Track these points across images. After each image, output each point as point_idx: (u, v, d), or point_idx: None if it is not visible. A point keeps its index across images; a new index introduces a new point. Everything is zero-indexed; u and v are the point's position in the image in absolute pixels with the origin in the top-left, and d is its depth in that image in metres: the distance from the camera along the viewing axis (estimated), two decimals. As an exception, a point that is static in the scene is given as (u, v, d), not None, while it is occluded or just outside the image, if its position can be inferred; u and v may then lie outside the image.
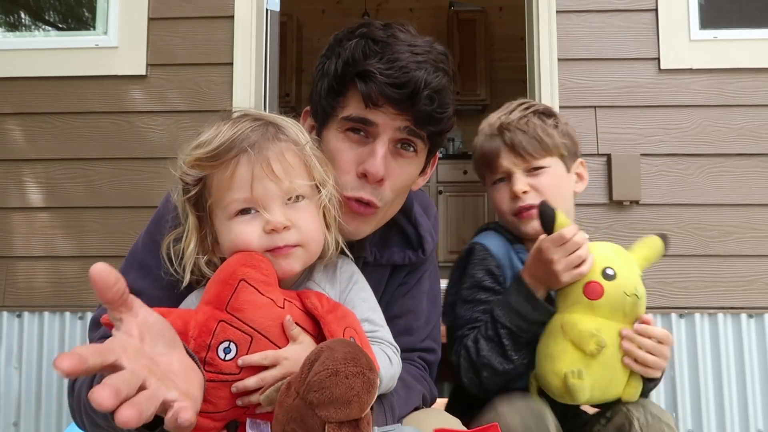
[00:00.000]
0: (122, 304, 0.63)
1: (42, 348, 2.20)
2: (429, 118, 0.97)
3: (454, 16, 5.74)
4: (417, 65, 0.94)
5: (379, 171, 0.96)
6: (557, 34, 2.23)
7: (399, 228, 1.17)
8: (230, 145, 0.84)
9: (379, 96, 0.94)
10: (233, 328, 0.78)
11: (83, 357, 0.54)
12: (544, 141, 1.23)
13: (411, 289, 1.20)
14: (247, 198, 0.84)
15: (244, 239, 0.84)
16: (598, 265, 1.09)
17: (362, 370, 0.63)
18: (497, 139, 1.26)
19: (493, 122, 1.29)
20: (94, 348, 0.57)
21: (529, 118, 1.25)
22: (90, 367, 0.55)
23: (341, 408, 0.62)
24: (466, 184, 5.22)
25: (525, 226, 1.24)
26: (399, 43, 0.96)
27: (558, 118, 1.29)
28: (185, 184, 0.88)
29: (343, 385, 0.62)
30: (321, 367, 0.63)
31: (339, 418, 0.62)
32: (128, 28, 2.28)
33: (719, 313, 2.11)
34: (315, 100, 1.05)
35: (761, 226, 2.12)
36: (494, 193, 1.29)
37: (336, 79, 0.98)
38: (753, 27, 2.24)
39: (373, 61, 0.94)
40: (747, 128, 2.16)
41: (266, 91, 2.33)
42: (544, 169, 1.24)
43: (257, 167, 0.84)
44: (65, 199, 2.24)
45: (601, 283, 1.08)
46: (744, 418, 2.06)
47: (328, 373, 0.62)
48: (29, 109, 2.28)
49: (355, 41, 0.97)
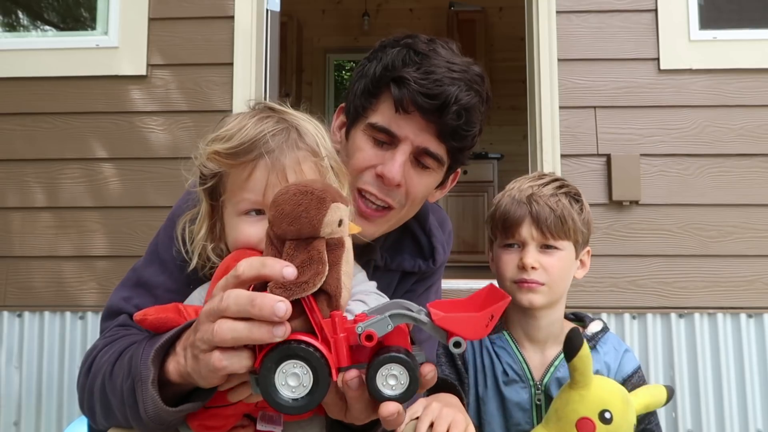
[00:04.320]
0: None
1: (42, 348, 2.20)
2: (454, 133, 1.01)
3: (454, 16, 5.74)
4: (451, 81, 0.98)
5: (395, 177, 1.00)
6: (557, 34, 2.23)
7: (413, 236, 1.19)
8: (250, 147, 0.85)
9: (410, 103, 0.98)
10: None
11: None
12: (567, 224, 1.24)
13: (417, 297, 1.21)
14: (258, 201, 0.85)
15: (247, 238, 0.86)
16: (599, 405, 1.07)
17: (311, 189, 0.66)
18: (524, 206, 1.26)
19: (524, 188, 1.29)
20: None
21: (560, 198, 1.26)
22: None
23: (292, 223, 0.65)
24: (466, 184, 5.22)
25: (522, 296, 1.24)
26: (438, 58, 1.00)
27: (584, 205, 1.30)
28: (202, 175, 0.90)
29: (292, 201, 0.65)
30: (279, 190, 0.69)
31: (291, 233, 0.65)
32: (128, 28, 2.29)
33: (719, 313, 2.11)
34: (350, 99, 1.08)
35: (761, 226, 2.12)
36: (501, 255, 1.29)
37: (372, 81, 1.02)
38: (753, 27, 2.24)
39: (410, 70, 0.98)
40: (747, 128, 2.16)
41: (266, 91, 2.33)
42: (557, 250, 1.25)
43: (273, 175, 0.85)
44: (65, 199, 2.25)
45: (595, 424, 1.07)
46: (743, 418, 2.06)
47: (281, 192, 0.67)
48: (29, 109, 2.29)
49: (398, 49, 1.02)
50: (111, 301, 0.99)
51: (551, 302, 1.26)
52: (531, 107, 2.31)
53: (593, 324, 1.32)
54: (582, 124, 2.19)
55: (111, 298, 1.00)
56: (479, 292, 0.73)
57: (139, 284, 0.98)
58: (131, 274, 1.01)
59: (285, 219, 0.66)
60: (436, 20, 5.83)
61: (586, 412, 1.07)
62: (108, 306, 1.00)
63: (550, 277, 1.23)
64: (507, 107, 5.68)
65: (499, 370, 1.27)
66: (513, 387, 1.25)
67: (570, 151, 2.18)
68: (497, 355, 1.28)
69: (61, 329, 2.21)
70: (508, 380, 1.26)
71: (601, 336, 1.29)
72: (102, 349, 0.90)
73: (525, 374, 1.25)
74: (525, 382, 1.24)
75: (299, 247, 0.65)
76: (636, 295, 2.12)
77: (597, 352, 1.27)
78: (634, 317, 2.13)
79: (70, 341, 2.20)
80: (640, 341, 2.11)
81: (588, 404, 1.07)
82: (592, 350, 1.26)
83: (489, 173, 5.28)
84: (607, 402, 1.07)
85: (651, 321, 2.12)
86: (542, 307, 1.25)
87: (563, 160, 2.18)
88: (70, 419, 2.11)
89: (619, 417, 1.07)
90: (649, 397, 1.14)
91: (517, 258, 1.25)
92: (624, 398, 1.09)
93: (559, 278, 1.25)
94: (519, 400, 1.22)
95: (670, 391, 1.16)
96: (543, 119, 2.19)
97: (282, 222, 0.66)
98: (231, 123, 0.90)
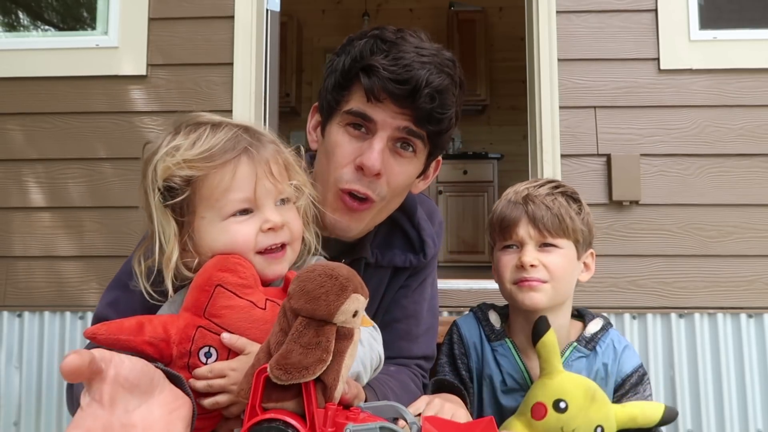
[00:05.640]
0: (94, 377, 0.61)
1: (42, 348, 2.20)
2: (429, 117, 0.99)
3: (454, 16, 5.75)
4: (421, 65, 0.96)
5: (374, 164, 0.98)
6: (557, 34, 2.23)
7: (401, 231, 1.18)
8: (228, 146, 0.84)
9: (381, 90, 0.96)
10: (212, 334, 0.80)
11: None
12: (564, 222, 1.23)
13: (412, 292, 1.20)
14: (249, 198, 0.84)
15: (244, 237, 0.84)
16: (556, 394, 1.08)
17: (337, 275, 0.66)
18: (520, 207, 1.25)
19: (519, 191, 1.29)
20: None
21: (556, 197, 1.25)
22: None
23: (310, 302, 0.65)
24: (466, 184, 5.23)
25: (523, 295, 1.22)
26: (406, 45, 0.99)
27: (583, 205, 1.29)
28: (168, 189, 0.85)
29: (315, 281, 0.66)
30: (306, 268, 0.69)
31: (307, 311, 0.65)
32: (128, 28, 2.29)
33: (719, 313, 2.11)
34: (322, 96, 1.07)
35: (761, 226, 2.12)
36: (501, 257, 1.28)
37: (342, 74, 1.01)
38: (753, 27, 2.24)
39: (378, 58, 0.97)
40: (747, 128, 2.16)
41: (266, 91, 2.33)
42: (556, 248, 1.23)
43: (259, 168, 0.85)
44: (65, 199, 2.24)
45: (548, 410, 1.08)
46: (743, 418, 2.06)
47: (307, 270, 0.68)
48: (29, 109, 2.28)
49: (365, 40, 1.00)
50: (98, 308, 1.00)
51: (555, 304, 1.23)
52: (531, 107, 2.31)
53: (592, 324, 1.30)
54: (582, 124, 2.19)
55: (99, 304, 1.00)
56: (477, 421, 0.75)
57: (125, 286, 0.97)
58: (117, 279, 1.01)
59: (304, 296, 0.66)
60: (436, 20, 5.84)
61: (542, 398, 1.09)
62: (95, 314, 1.00)
63: (552, 275, 1.21)
64: (507, 107, 5.68)
65: (498, 379, 1.26)
66: (512, 395, 1.24)
67: (570, 151, 2.18)
68: (498, 364, 1.27)
69: (61, 329, 2.21)
70: (507, 389, 1.25)
71: (600, 336, 1.28)
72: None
73: (526, 383, 1.24)
74: (526, 390, 1.24)
75: (309, 326, 0.65)
76: (636, 295, 2.12)
77: (595, 353, 1.25)
78: (634, 317, 2.13)
79: (70, 341, 2.19)
80: (640, 341, 2.11)
81: (546, 391, 1.09)
82: (591, 352, 1.25)
83: (489, 173, 5.28)
84: (565, 392, 1.08)
85: (651, 321, 2.12)
86: (546, 308, 1.22)
87: (563, 160, 2.18)
88: (70, 419, 2.11)
89: (575, 410, 1.07)
90: (638, 410, 1.12)
91: (515, 258, 1.24)
92: (590, 395, 1.09)
93: (562, 276, 1.22)
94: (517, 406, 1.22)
95: (669, 412, 1.12)
96: (543, 119, 2.19)
97: (300, 298, 0.66)
98: (180, 138, 0.86)
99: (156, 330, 0.78)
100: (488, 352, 1.28)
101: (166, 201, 0.85)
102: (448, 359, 1.31)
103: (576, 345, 1.25)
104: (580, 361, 1.24)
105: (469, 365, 1.30)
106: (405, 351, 1.15)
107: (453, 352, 1.31)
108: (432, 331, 1.25)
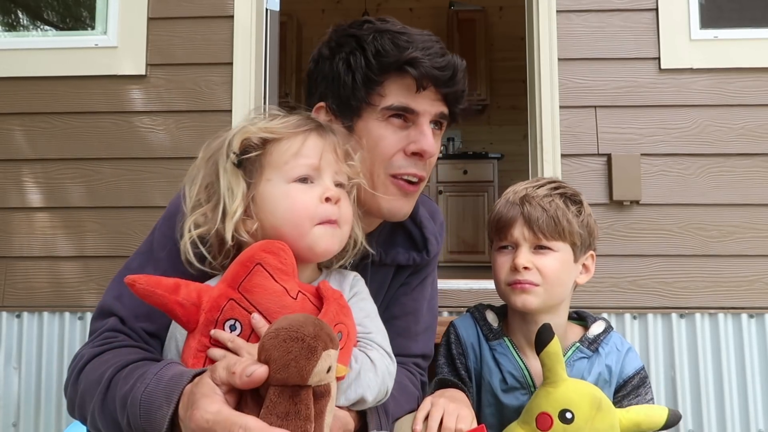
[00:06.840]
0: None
1: (42, 348, 2.19)
2: (459, 96, 1.08)
3: (454, 16, 5.74)
4: (442, 50, 1.05)
5: (432, 148, 1.06)
6: (557, 34, 2.22)
7: (404, 229, 1.19)
8: (302, 122, 0.94)
9: (427, 78, 1.02)
10: (240, 308, 0.81)
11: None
12: (560, 224, 1.22)
13: (412, 290, 1.21)
14: (314, 165, 0.90)
15: (303, 204, 0.88)
16: (562, 404, 1.07)
17: (302, 336, 0.65)
18: (516, 208, 1.25)
19: (518, 190, 1.29)
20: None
21: (553, 198, 1.25)
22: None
23: (280, 371, 0.64)
24: (466, 184, 5.22)
25: (515, 297, 1.22)
26: (414, 32, 1.06)
27: (583, 207, 1.28)
28: (244, 150, 0.90)
29: (281, 348, 0.64)
30: (268, 332, 0.67)
31: (279, 380, 0.64)
32: (128, 28, 2.28)
33: (720, 313, 2.10)
34: (341, 94, 1.07)
35: (762, 225, 2.12)
36: (497, 257, 1.28)
37: (372, 70, 1.04)
38: (753, 27, 2.24)
39: (412, 51, 1.02)
40: (747, 128, 2.16)
41: (266, 91, 2.33)
42: (551, 251, 1.22)
43: (327, 143, 0.93)
44: (65, 199, 2.24)
45: (553, 420, 1.06)
46: (745, 419, 2.06)
47: (269, 336, 0.66)
48: (29, 109, 2.28)
49: (373, 35, 1.05)
50: (104, 300, 0.99)
51: (548, 306, 1.23)
52: (531, 107, 2.31)
53: (595, 326, 1.30)
54: (582, 124, 2.19)
55: (104, 297, 0.99)
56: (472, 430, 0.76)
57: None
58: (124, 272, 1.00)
59: (272, 365, 0.64)
60: (436, 20, 5.84)
61: (547, 408, 1.07)
62: (100, 305, 0.99)
63: (545, 278, 1.21)
64: (507, 107, 5.68)
65: (498, 378, 1.25)
66: (513, 394, 1.24)
67: (570, 150, 2.18)
68: (497, 362, 1.26)
69: (61, 330, 2.20)
70: (507, 388, 1.24)
71: (603, 338, 1.27)
72: (90, 361, 0.90)
73: (526, 381, 1.24)
74: (526, 388, 1.23)
75: (283, 394, 0.64)
76: (637, 295, 2.11)
77: (599, 354, 1.25)
78: (634, 317, 2.12)
79: (69, 342, 2.19)
80: (641, 341, 2.11)
81: (552, 401, 1.07)
82: (594, 353, 1.24)
83: (489, 173, 5.28)
84: (571, 402, 1.06)
85: (652, 321, 2.12)
86: (539, 310, 1.23)
87: (563, 159, 2.17)
88: (70, 420, 2.11)
89: (582, 421, 1.05)
90: (642, 416, 1.11)
91: (510, 259, 1.24)
92: (596, 404, 1.07)
93: (555, 280, 1.22)
94: (519, 405, 1.21)
95: (673, 415, 1.11)
96: (543, 119, 2.19)
97: (269, 368, 0.65)
98: (263, 119, 0.96)
99: (190, 294, 0.80)
100: (486, 351, 1.28)
101: (243, 155, 0.90)
102: (446, 360, 1.31)
103: (578, 345, 1.25)
104: (582, 362, 1.24)
105: (467, 365, 1.30)
106: (403, 348, 1.15)
107: (451, 352, 1.31)
108: (431, 330, 1.25)
